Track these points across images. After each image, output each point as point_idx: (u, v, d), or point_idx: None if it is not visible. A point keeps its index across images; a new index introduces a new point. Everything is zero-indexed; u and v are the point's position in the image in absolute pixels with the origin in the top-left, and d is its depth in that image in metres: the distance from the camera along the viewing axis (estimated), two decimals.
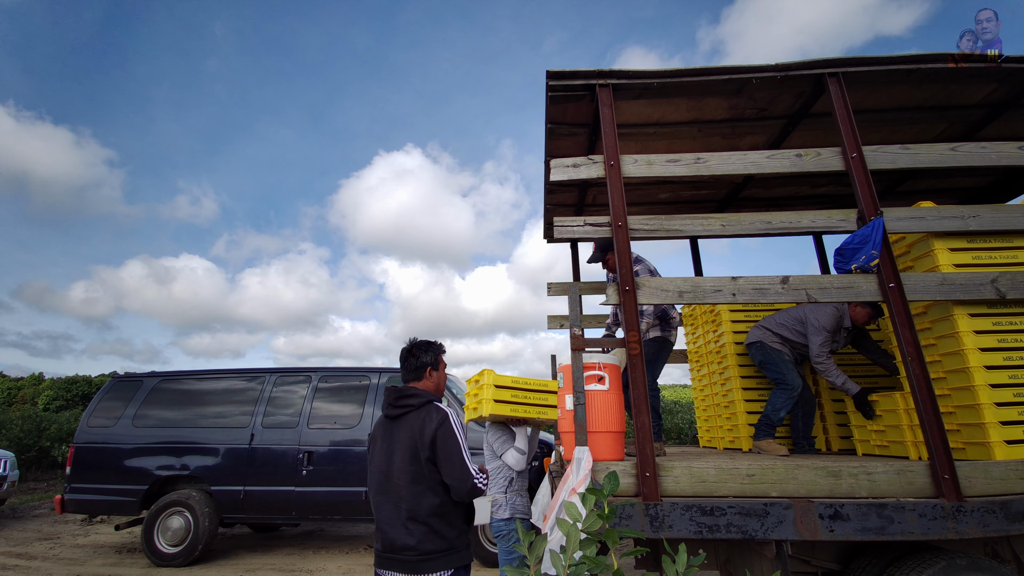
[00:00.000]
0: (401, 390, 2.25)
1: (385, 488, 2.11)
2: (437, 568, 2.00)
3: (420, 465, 2.07)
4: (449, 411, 2.19)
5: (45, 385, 53.07)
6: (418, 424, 2.13)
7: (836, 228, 2.90)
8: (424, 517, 2.03)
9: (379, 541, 2.10)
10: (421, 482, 2.06)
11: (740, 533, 2.31)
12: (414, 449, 2.08)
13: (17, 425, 12.66)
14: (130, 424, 5.97)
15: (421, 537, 2.01)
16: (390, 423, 2.22)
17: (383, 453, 2.17)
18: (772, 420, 3.66)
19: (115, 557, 5.91)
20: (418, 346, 2.38)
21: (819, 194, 4.85)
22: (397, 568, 2.01)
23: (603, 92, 3.20)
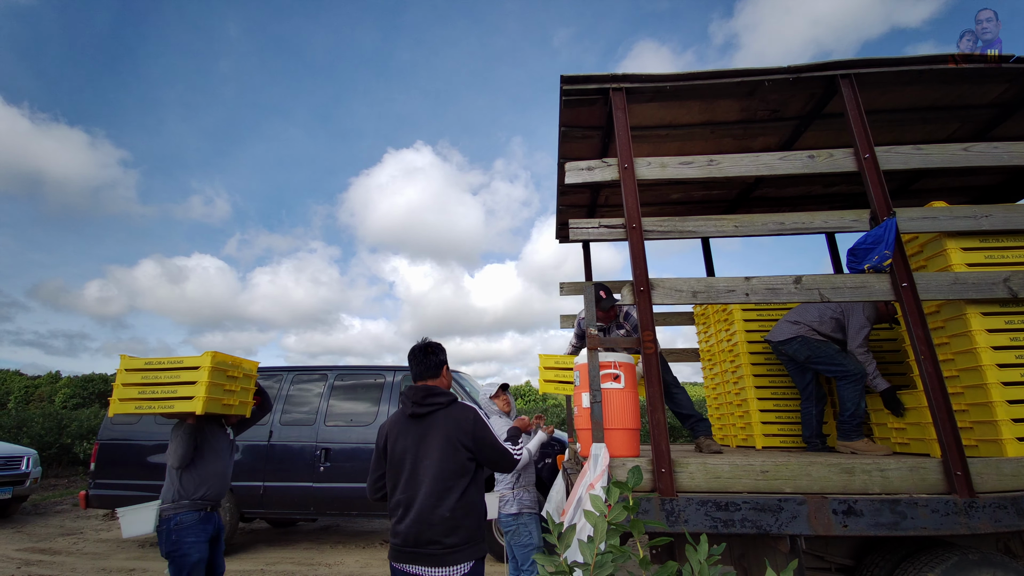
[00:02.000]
0: (428, 389, 2.31)
1: (411, 485, 2.17)
2: (461, 560, 2.08)
3: (457, 461, 2.16)
4: (476, 406, 2.32)
5: (62, 383, 53.99)
6: (452, 421, 2.23)
7: (849, 228, 2.94)
8: (451, 511, 2.10)
9: (399, 536, 2.15)
10: (453, 478, 2.15)
11: (755, 528, 2.37)
12: (452, 445, 2.18)
13: (38, 423, 12.96)
14: (152, 421, 6.13)
15: (447, 531, 2.08)
16: (414, 421, 2.27)
17: (407, 451, 2.22)
18: (858, 416, 3.50)
19: (138, 551, 6.07)
20: (433, 345, 2.48)
21: (831, 193, 4.87)
22: (422, 562, 2.07)
23: (617, 96, 3.26)
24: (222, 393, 3.24)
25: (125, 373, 3.18)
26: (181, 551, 2.97)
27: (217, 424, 3.39)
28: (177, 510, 3.05)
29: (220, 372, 3.23)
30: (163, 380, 3.13)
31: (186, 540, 2.99)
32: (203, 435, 3.22)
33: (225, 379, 3.28)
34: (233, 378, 3.37)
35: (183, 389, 3.08)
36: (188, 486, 3.09)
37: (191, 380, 3.09)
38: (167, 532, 3.00)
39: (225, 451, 3.35)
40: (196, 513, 3.07)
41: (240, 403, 3.42)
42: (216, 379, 3.17)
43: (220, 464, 3.27)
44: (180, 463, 3.09)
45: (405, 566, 2.11)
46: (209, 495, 3.15)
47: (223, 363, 3.27)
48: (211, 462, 3.21)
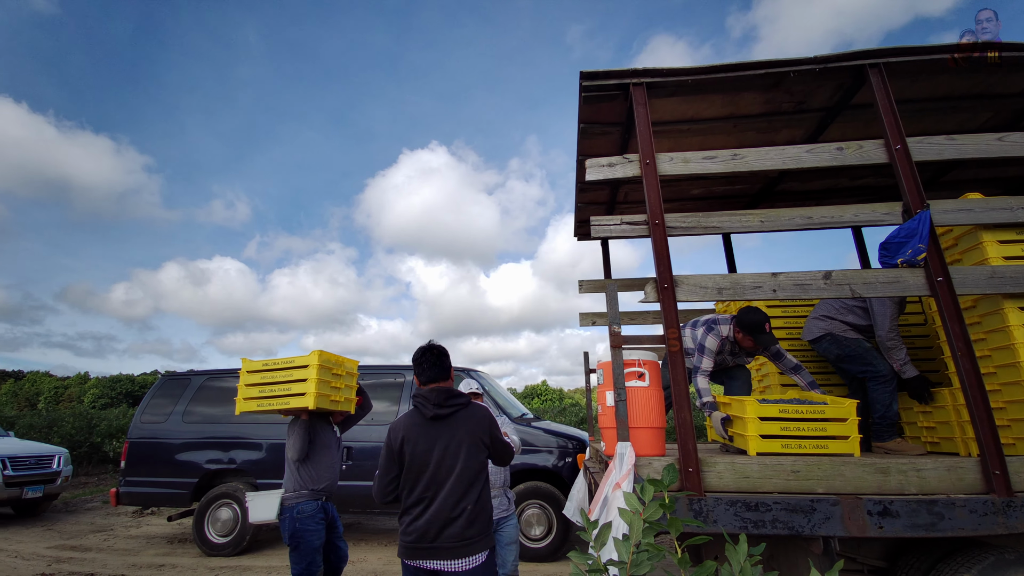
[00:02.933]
0: (448, 391, 2.38)
1: (432, 484, 2.22)
2: (477, 551, 2.17)
3: (479, 458, 2.28)
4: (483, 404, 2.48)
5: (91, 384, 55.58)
6: (474, 420, 2.33)
7: (881, 222, 2.86)
8: (472, 505, 2.20)
9: (416, 532, 2.18)
10: (475, 474, 2.25)
11: (786, 529, 2.32)
12: (475, 443, 2.28)
13: (69, 422, 13.33)
14: (180, 420, 6.27)
15: (467, 524, 2.17)
16: (434, 422, 2.31)
17: (431, 452, 2.26)
18: (889, 417, 3.41)
19: (167, 547, 6.20)
20: (440, 351, 2.53)
21: (858, 186, 4.75)
22: (440, 556, 2.14)
23: (637, 91, 3.22)
24: (329, 390, 3.43)
25: (247, 375, 3.43)
26: (305, 538, 3.20)
27: (325, 421, 3.61)
28: (298, 499, 3.28)
29: (326, 370, 3.41)
30: (278, 379, 3.35)
31: (308, 528, 3.22)
32: (314, 430, 3.45)
33: (331, 376, 3.47)
34: (338, 375, 3.55)
35: (296, 387, 3.29)
36: (306, 477, 3.33)
37: (302, 378, 3.30)
38: (290, 520, 3.22)
39: (333, 446, 3.58)
40: (315, 503, 3.30)
41: (345, 400, 3.61)
42: (323, 376, 3.37)
43: (330, 457, 3.50)
44: (298, 455, 3.32)
45: (421, 562, 2.17)
46: (324, 486, 3.39)
47: (328, 361, 3.45)
48: (323, 456, 3.45)
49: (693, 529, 2.32)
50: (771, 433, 2.76)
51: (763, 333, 3.48)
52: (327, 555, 3.42)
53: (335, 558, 3.49)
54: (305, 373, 3.30)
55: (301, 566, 3.19)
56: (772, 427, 2.77)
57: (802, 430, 2.76)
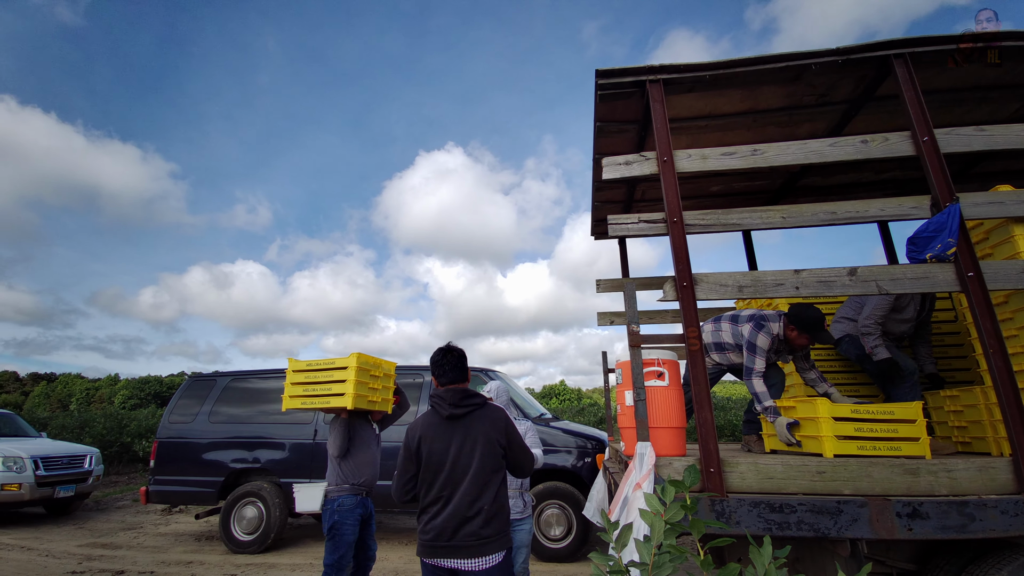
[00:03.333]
0: (464, 391, 2.39)
1: (449, 483, 2.24)
2: (494, 550, 2.17)
3: (493, 458, 2.26)
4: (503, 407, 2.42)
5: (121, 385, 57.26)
6: (489, 420, 2.32)
7: (908, 216, 2.79)
8: (488, 504, 2.19)
9: (433, 531, 2.21)
10: (491, 474, 2.24)
11: (812, 531, 2.27)
12: (490, 443, 2.27)
13: (100, 423, 13.75)
14: (206, 420, 6.41)
15: (483, 523, 2.17)
16: (450, 422, 2.33)
17: (447, 452, 2.28)
18: None
19: (195, 544, 6.35)
20: (457, 354, 2.55)
21: (884, 179, 4.64)
22: (458, 555, 2.15)
23: (654, 88, 3.19)
24: (367, 390, 3.54)
25: (292, 374, 3.57)
26: (340, 531, 3.35)
27: (364, 419, 3.74)
28: (340, 492, 3.43)
29: (364, 371, 3.52)
30: (320, 379, 3.48)
31: (346, 521, 3.38)
32: (354, 428, 3.59)
33: (368, 377, 3.57)
34: (375, 377, 3.66)
35: (335, 387, 3.41)
36: (347, 472, 3.48)
37: (341, 379, 3.42)
38: (330, 512, 3.38)
39: (372, 443, 3.72)
40: (355, 497, 3.45)
41: (383, 400, 3.72)
42: (361, 377, 3.48)
43: (369, 454, 3.64)
44: (339, 452, 3.47)
45: (439, 561, 2.19)
46: (364, 481, 3.53)
47: (366, 363, 3.56)
48: (362, 452, 3.58)
49: (716, 531, 2.29)
50: (846, 434, 2.72)
51: (822, 330, 3.36)
52: (356, 552, 3.52)
53: (364, 557, 3.57)
54: (344, 374, 3.42)
55: (334, 557, 3.31)
56: (846, 428, 2.72)
57: (875, 431, 2.72)
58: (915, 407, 2.74)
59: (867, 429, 2.71)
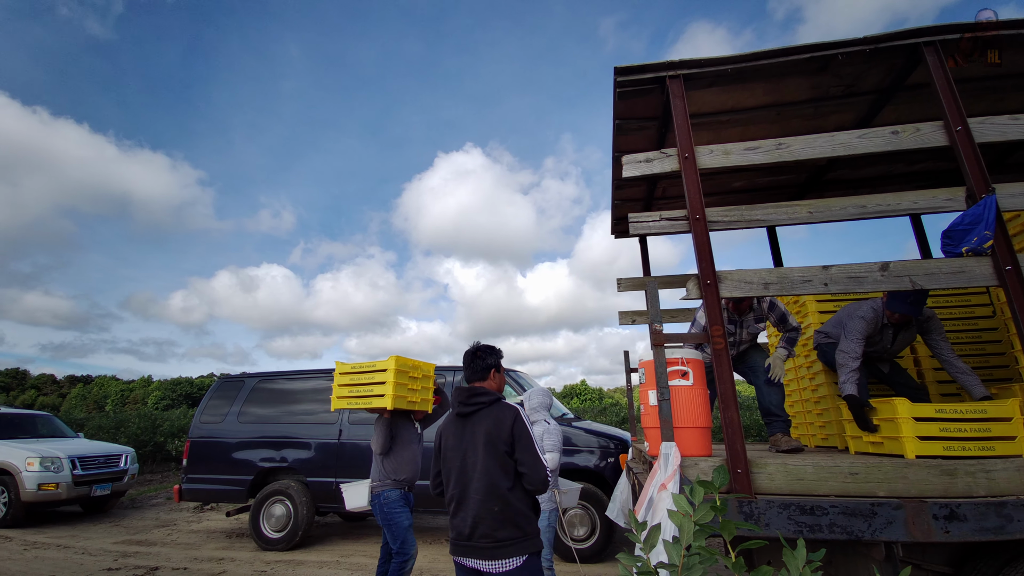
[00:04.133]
0: (472, 389, 2.39)
1: (461, 480, 2.25)
2: (512, 554, 2.12)
3: (498, 457, 2.21)
4: (518, 407, 2.33)
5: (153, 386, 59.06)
6: (492, 419, 2.27)
7: (942, 208, 2.69)
8: (501, 507, 2.15)
9: (455, 530, 2.24)
10: (497, 473, 2.19)
11: (845, 534, 2.21)
12: (493, 442, 2.22)
13: (135, 423, 14.19)
14: (236, 420, 6.56)
15: (499, 525, 2.14)
16: (462, 420, 2.36)
17: (456, 448, 2.31)
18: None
19: (226, 542, 6.51)
20: (482, 349, 2.56)
21: (915, 171, 4.50)
22: (475, 555, 2.15)
23: (674, 84, 3.15)
24: (406, 391, 3.68)
25: (339, 376, 3.75)
26: (394, 519, 3.53)
27: (406, 419, 3.88)
28: (383, 487, 3.60)
29: (403, 373, 3.66)
30: (363, 381, 3.66)
31: (395, 510, 3.56)
32: (396, 427, 3.73)
33: (407, 379, 3.71)
34: (414, 378, 3.79)
35: (377, 388, 3.58)
36: (389, 469, 3.63)
37: (381, 380, 3.58)
38: (379, 506, 3.57)
39: (414, 441, 3.86)
40: (398, 491, 3.61)
41: (422, 400, 3.85)
42: (400, 379, 3.62)
43: (411, 452, 3.77)
44: (382, 450, 3.62)
45: (463, 560, 2.20)
46: (405, 477, 3.67)
47: (404, 365, 3.70)
48: (404, 450, 3.73)
49: (748, 533, 2.25)
50: (930, 435, 2.64)
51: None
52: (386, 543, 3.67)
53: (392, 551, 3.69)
54: (384, 376, 3.57)
55: (397, 544, 3.50)
56: (931, 428, 2.65)
57: (964, 431, 2.63)
58: (1012, 404, 2.63)
59: (954, 429, 2.62)
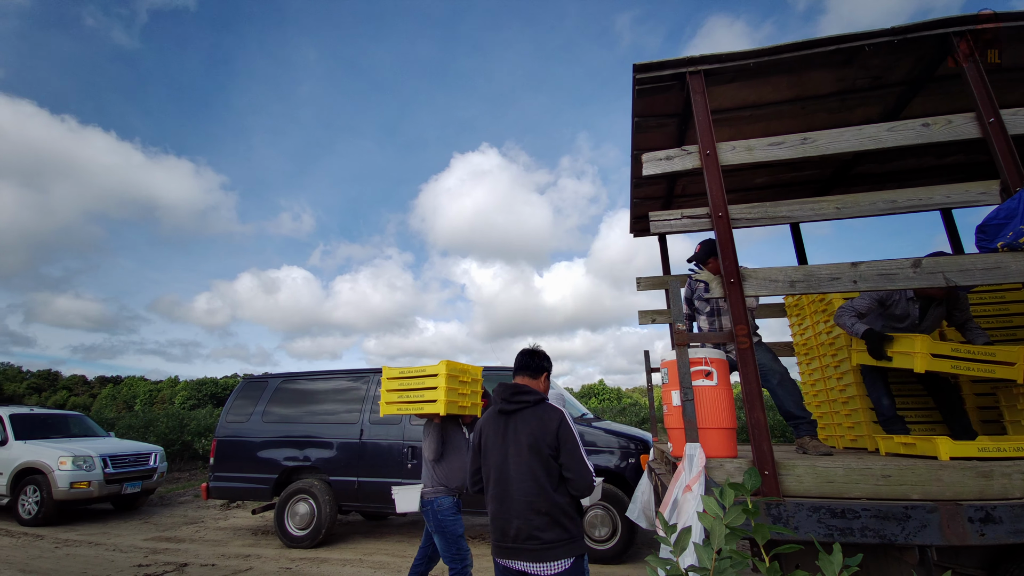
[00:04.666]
0: (516, 387, 2.33)
1: (502, 479, 2.19)
2: (561, 556, 2.07)
3: (542, 459, 2.15)
4: (563, 409, 2.26)
5: (180, 387, 60.54)
6: (537, 420, 2.21)
7: (975, 202, 2.61)
8: (547, 508, 2.10)
9: (498, 531, 2.18)
10: (543, 475, 2.14)
11: (877, 537, 2.16)
12: (537, 443, 2.16)
13: (163, 422, 14.55)
14: (260, 420, 6.69)
15: (544, 527, 2.08)
16: (503, 418, 2.30)
17: (498, 447, 2.26)
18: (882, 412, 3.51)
19: (252, 539, 6.63)
20: (540, 351, 2.54)
21: (946, 164, 4.37)
22: (523, 557, 2.09)
23: (694, 80, 3.11)
24: (457, 396, 3.68)
25: (387, 381, 3.73)
26: (447, 527, 3.48)
27: (455, 424, 3.87)
28: (436, 494, 3.56)
29: (453, 378, 3.65)
30: (413, 386, 3.63)
31: (450, 518, 3.51)
32: (446, 432, 3.73)
33: (458, 383, 3.71)
34: (464, 383, 3.79)
35: (428, 394, 3.56)
36: (440, 475, 3.61)
37: (432, 386, 3.56)
38: (432, 512, 3.50)
39: (463, 447, 3.85)
40: (450, 498, 3.57)
41: (472, 404, 3.84)
42: (451, 384, 3.62)
43: (460, 459, 3.73)
44: (434, 456, 3.60)
45: (508, 562, 2.14)
46: (457, 484, 3.64)
47: (455, 369, 3.69)
48: (454, 456, 3.71)
49: (781, 537, 2.21)
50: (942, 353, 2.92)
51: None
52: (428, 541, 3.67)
53: (435, 552, 3.69)
54: (435, 382, 3.54)
55: (451, 552, 3.46)
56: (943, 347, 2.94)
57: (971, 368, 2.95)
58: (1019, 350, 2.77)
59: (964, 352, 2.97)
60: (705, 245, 3.99)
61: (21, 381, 73.47)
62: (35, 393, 70.73)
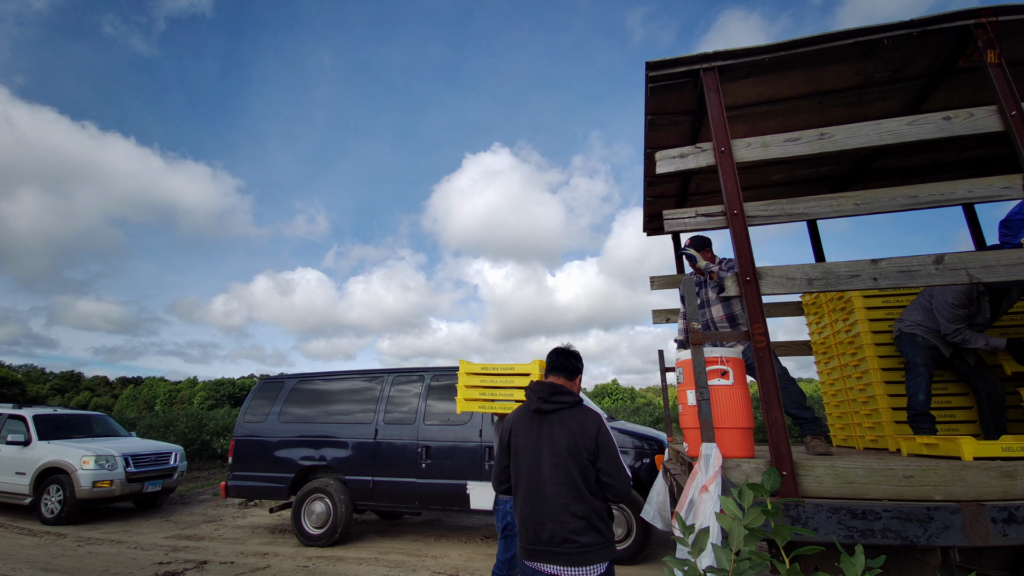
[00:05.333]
0: (554, 387, 2.26)
1: (534, 480, 2.14)
2: (597, 560, 2.04)
3: (580, 462, 2.10)
4: (601, 413, 2.24)
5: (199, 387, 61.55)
6: (576, 422, 2.17)
7: (999, 197, 2.55)
8: (584, 512, 2.06)
9: (530, 533, 2.12)
10: (579, 479, 2.09)
11: (899, 539, 2.12)
12: (574, 446, 2.12)
13: (183, 422, 14.81)
14: (277, 420, 6.78)
15: (581, 530, 2.04)
16: (538, 417, 2.24)
17: (531, 447, 2.20)
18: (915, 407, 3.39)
19: (269, 537, 6.72)
20: (575, 352, 2.49)
21: (968, 159, 4.26)
22: (558, 561, 2.04)
23: (708, 76, 3.08)
24: None
25: (466, 376, 3.63)
26: (513, 531, 3.41)
27: None
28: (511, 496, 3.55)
29: None
30: (499, 384, 3.55)
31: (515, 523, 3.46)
32: None
33: None
34: None
35: (517, 393, 3.48)
36: None
37: (522, 385, 3.48)
38: (502, 513, 3.44)
39: None
40: None
41: None
42: None
43: None
44: None
45: (540, 565, 2.07)
46: None
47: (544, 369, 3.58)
48: None
49: (802, 538, 2.18)
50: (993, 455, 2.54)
51: None
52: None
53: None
54: (525, 381, 3.47)
55: (508, 554, 3.42)
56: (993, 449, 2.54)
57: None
58: None
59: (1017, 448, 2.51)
60: (697, 240, 4.15)
61: (44, 383, 75.28)
62: (58, 394, 72.43)
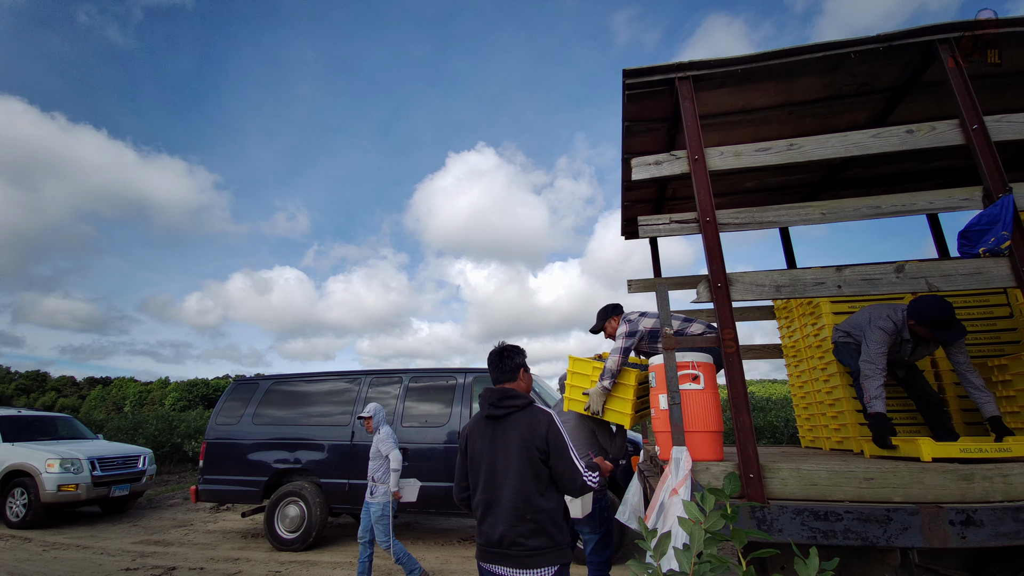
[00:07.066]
0: (504, 391, 2.31)
1: (490, 485, 2.18)
2: (545, 563, 2.06)
3: (531, 464, 2.13)
4: (552, 412, 2.26)
5: (171, 388, 60.03)
6: (526, 424, 2.19)
7: (958, 208, 2.65)
8: (532, 514, 2.08)
9: (484, 536, 2.16)
10: (531, 479, 2.12)
11: (860, 540, 2.19)
12: (526, 448, 2.15)
13: (152, 424, 14.42)
14: (250, 422, 6.64)
15: (529, 533, 2.07)
16: (492, 423, 2.28)
17: (486, 452, 2.24)
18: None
19: (241, 542, 6.58)
20: (509, 349, 2.47)
21: (932, 169, 4.42)
22: (507, 563, 2.07)
23: (683, 85, 3.14)
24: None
25: (572, 375, 3.51)
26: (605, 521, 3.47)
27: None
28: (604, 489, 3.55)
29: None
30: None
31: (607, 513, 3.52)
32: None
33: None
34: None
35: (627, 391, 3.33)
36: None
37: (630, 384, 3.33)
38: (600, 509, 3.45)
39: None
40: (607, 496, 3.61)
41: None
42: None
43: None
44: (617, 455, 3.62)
45: (491, 566, 2.12)
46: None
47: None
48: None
49: (759, 540, 2.23)
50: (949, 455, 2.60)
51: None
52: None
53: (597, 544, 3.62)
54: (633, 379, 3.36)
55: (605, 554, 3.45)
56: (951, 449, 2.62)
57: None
58: None
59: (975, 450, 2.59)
60: (600, 313, 4.00)
61: (9, 382, 72.60)
62: (23, 394, 69.91)
